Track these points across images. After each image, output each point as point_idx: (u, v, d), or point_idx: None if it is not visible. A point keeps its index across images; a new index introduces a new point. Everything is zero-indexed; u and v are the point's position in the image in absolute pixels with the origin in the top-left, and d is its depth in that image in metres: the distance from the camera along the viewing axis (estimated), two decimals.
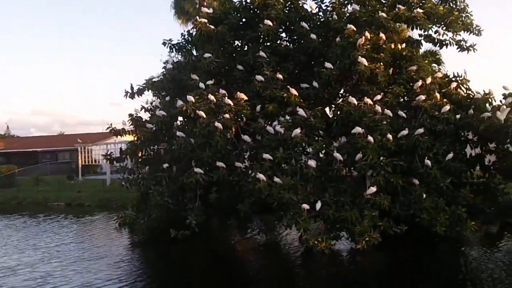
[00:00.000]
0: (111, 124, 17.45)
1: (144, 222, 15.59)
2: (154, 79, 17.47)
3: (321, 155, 14.80)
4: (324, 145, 14.39)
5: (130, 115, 17.07)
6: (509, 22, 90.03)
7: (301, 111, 14.36)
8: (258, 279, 12.01)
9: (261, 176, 13.30)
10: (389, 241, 13.09)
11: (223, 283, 11.47)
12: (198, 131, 14.40)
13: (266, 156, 13.78)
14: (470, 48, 16.86)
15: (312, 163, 13.56)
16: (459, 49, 16.96)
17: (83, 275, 11.79)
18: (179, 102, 15.15)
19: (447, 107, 14.38)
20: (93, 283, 11.08)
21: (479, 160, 15.87)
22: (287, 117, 14.57)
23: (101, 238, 16.76)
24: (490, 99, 15.23)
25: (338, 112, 15.15)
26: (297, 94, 14.81)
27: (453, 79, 16.03)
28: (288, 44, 16.93)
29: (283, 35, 17.18)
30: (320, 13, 17.10)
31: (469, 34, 17.14)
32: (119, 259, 13.51)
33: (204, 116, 14.43)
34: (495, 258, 12.56)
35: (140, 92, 17.71)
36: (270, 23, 15.62)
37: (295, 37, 16.89)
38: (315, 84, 15.30)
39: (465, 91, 15.91)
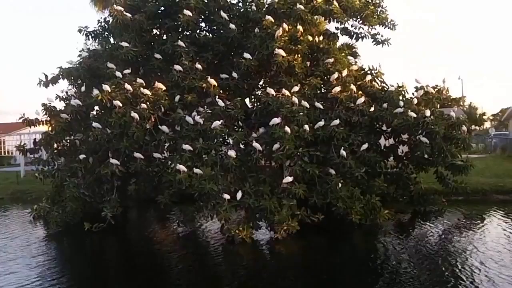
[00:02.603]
0: (23, 114, 16.72)
1: (59, 215, 15.13)
2: (69, 67, 16.84)
3: (241, 146, 14.86)
4: (243, 136, 14.44)
5: (44, 104, 16.40)
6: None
7: (220, 102, 14.36)
8: (175, 270, 11.89)
9: (181, 167, 13.22)
10: (307, 230, 13.41)
11: (139, 274, 11.29)
12: (114, 121, 14.11)
13: (186, 146, 13.68)
14: (385, 42, 17.42)
15: (232, 153, 13.59)
16: (374, 43, 17.48)
17: (6, 277, 11.17)
18: (95, 91, 14.75)
19: (362, 99, 14.82)
20: (23, 284, 10.52)
21: (393, 151, 16.51)
22: (206, 108, 14.52)
23: (17, 233, 16.03)
24: (403, 92, 15.85)
25: (257, 103, 15.27)
26: (216, 84, 14.79)
27: (368, 72, 16.52)
28: (207, 34, 16.90)
29: (202, 24, 17.11)
30: (240, 4, 17.18)
31: (384, 28, 17.72)
32: (37, 255, 12.88)
33: (120, 106, 14.14)
34: (407, 245, 13.09)
35: (54, 80, 17.02)
36: (189, 12, 15.47)
37: (214, 27, 16.81)
38: (234, 74, 15.34)
39: (379, 83, 16.46)
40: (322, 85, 15.88)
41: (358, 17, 17.23)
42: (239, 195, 13.11)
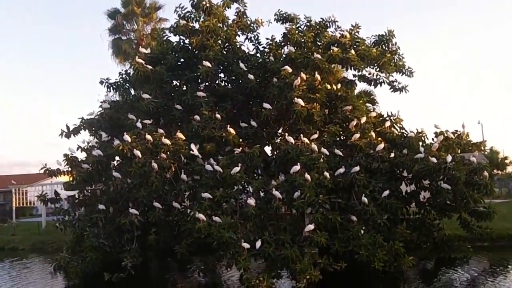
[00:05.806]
0: (45, 165, 16.89)
1: (79, 265, 15.00)
2: (90, 118, 17.12)
3: (260, 194, 14.81)
4: (263, 184, 14.41)
5: (65, 155, 16.54)
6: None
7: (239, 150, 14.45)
8: None
9: (200, 215, 13.15)
10: (330, 278, 13.15)
11: None
12: (134, 171, 14.21)
13: (205, 195, 13.67)
14: (402, 89, 17.46)
15: (251, 201, 13.55)
16: (392, 90, 17.53)
17: None
18: (116, 142, 14.93)
19: (382, 146, 14.77)
20: None
21: (414, 197, 16.22)
22: (225, 157, 14.60)
23: (37, 284, 16.00)
24: (422, 138, 15.78)
25: (276, 151, 15.30)
26: (235, 133, 14.88)
27: (387, 118, 16.53)
28: (226, 84, 17.15)
29: (221, 75, 17.41)
30: (258, 54, 17.49)
31: (402, 75, 17.79)
32: None
33: (140, 156, 14.27)
34: None
35: (76, 131, 17.30)
36: (208, 64, 15.77)
37: (233, 78, 17.12)
38: (253, 123, 15.46)
39: (398, 130, 16.43)
40: (341, 132, 15.89)
41: (375, 64, 17.33)
42: (258, 243, 12.97)
